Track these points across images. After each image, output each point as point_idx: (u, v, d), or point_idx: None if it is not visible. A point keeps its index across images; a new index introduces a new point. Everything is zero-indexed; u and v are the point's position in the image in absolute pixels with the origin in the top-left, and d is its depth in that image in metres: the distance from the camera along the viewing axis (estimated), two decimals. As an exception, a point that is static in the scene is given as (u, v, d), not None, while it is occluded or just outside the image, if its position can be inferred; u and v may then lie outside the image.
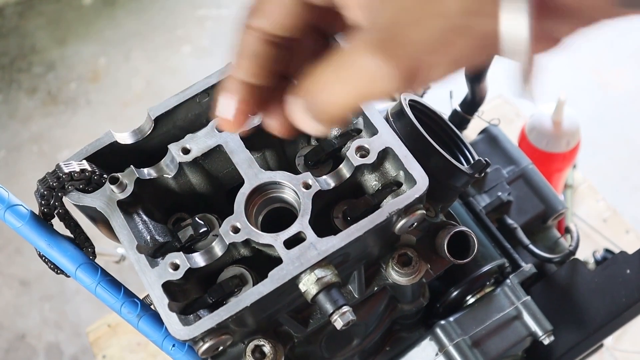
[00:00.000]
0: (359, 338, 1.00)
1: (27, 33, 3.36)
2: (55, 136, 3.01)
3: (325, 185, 0.75)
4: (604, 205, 2.14)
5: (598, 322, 1.16)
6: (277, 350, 0.81)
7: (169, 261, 0.71)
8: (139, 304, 0.81)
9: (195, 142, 0.77)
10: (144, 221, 0.77)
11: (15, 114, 3.10)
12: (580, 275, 1.21)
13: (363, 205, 0.76)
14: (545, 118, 1.81)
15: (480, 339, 1.08)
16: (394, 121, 0.86)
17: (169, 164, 0.78)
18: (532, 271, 1.15)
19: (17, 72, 3.24)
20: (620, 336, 1.83)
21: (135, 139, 0.80)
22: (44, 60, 3.26)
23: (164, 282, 0.70)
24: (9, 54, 3.30)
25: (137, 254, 0.71)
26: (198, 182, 0.81)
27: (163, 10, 3.38)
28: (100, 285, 0.79)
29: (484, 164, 0.89)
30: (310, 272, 0.70)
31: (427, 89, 1.29)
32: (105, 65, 3.22)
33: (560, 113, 1.79)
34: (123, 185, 0.75)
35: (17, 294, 2.61)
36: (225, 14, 3.35)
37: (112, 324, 1.94)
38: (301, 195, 0.74)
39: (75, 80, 3.18)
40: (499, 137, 1.38)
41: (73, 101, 3.12)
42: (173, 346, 0.81)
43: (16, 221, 0.77)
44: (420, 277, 0.85)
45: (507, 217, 1.27)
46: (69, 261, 0.79)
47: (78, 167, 0.74)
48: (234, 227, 0.72)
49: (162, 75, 3.16)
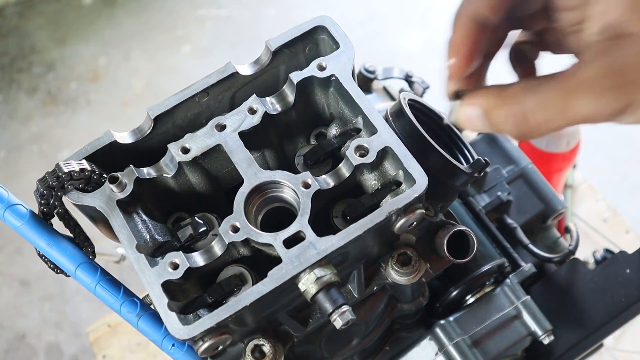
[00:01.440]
0: (358, 337, 1.00)
1: (27, 33, 3.36)
2: (55, 136, 3.01)
3: (325, 184, 0.75)
4: (604, 205, 2.14)
5: (598, 321, 1.16)
6: (277, 350, 0.81)
7: (169, 260, 0.71)
8: (138, 303, 0.81)
9: (194, 141, 0.77)
10: (144, 220, 0.77)
11: (15, 114, 3.11)
12: (580, 275, 1.21)
13: (362, 204, 0.76)
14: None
15: (480, 338, 1.08)
16: (394, 120, 0.86)
17: (168, 164, 0.78)
18: (531, 271, 1.15)
19: (17, 72, 3.24)
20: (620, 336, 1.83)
21: (134, 138, 0.80)
22: (44, 60, 3.26)
23: (163, 282, 0.70)
24: (9, 54, 3.30)
25: (137, 253, 0.71)
26: (197, 182, 0.81)
27: (163, 10, 3.38)
28: (99, 284, 0.79)
29: (484, 164, 0.89)
30: (310, 272, 0.70)
31: (427, 88, 1.29)
32: (105, 65, 3.22)
33: None
34: (122, 184, 0.75)
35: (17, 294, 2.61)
36: (225, 14, 3.35)
37: (112, 324, 1.94)
38: (300, 194, 0.74)
39: (75, 80, 3.18)
40: (499, 136, 1.38)
41: (73, 101, 3.12)
42: (173, 345, 0.81)
43: (16, 221, 0.77)
44: (419, 276, 0.85)
45: (506, 217, 1.27)
46: (68, 260, 0.79)
47: (77, 166, 0.74)
48: (234, 227, 0.72)
49: (161, 75, 3.16)
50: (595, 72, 0.40)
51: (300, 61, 0.85)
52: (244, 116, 0.78)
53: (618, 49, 0.40)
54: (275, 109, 0.80)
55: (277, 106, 0.80)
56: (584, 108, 0.41)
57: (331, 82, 0.80)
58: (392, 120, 0.86)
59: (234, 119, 0.78)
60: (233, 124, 0.78)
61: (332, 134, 0.82)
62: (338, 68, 0.78)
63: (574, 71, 0.42)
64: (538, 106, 0.43)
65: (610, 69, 0.39)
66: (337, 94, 0.81)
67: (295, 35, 0.82)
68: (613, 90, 0.39)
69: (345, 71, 0.79)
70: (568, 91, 0.41)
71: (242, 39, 3.25)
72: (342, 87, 0.78)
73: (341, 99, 0.81)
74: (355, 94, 0.77)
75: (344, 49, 0.80)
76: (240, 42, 3.24)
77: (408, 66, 1.43)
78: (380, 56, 3.05)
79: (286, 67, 0.84)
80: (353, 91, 0.78)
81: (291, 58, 0.84)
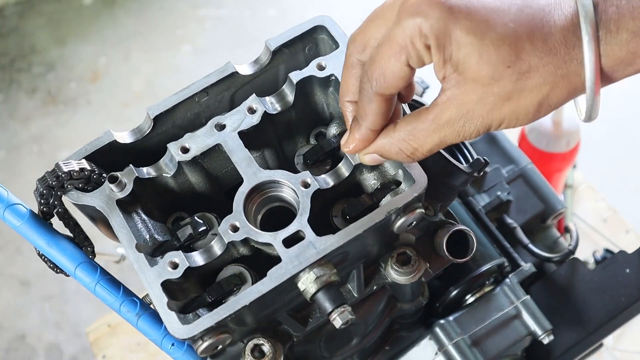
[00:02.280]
0: (358, 337, 1.00)
1: (27, 33, 3.36)
2: (55, 136, 3.01)
3: (324, 184, 0.75)
4: (604, 205, 2.14)
5: (597, 321, 1.16)
6: (277, 349, 0.81)
7: (168, 260, 0.71)
8: (138, 302, 0.81)
9: (194, 141, 0.77)
10: (143, 220, 0.77)
11: (15, 113, 3.11)
12: (579, 275, 1.21)
13: (362, 204, 0.76)
14: (545, 118, 1.81)
15: (480, 338, 1.08)
16: (393, 120, 0.86)
17: (168, 163, 0.78)
18: (531, 270, 1.15)
19: (17, 72, 3.24)
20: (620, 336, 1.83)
21: (134, 138, 0.80)
22: (43, 60, 3.26)
23: (163, 281, 0.70)
24: (9, 54, 3.30)
25: (136, 252, 0.71)
26: (197, 181, 0.81)
27: (163, 10, 3.38)
28: (99, 284, 0.79)
29: (483, 163, 0.89)
30: (309, 271, 0.70)
31: (427, 88, 1.29)
32: (105, 65, 3.22)
33: (560, 113, 1.79)
34: (122, 184, 0.75)
35: (17, 294, 2.61)
36: (225, 14, 3.35)
37: (112, 324, 1.94)
38: (300, 194, 0.74)
39: (75, 80, 3.18)
40: (498, 136, 1.39)
41: (73, 101, 3.12)
42: (172, 345, 0.81)
43: (15, 220, 0.77)
44: (419, 276, 0.85)
45: (506, 217, 1.27)
46: (68, 260, 0.79)
47: (77, 166, 0.74)
48: (233, 226, 0.72)
49: (161, 75, 3.16)
50: (452, 114, 0.58)
51: (300, 61, 0.85)
52: (244, 116, 0.78)
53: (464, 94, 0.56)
54: (274, 108, 0.80)
55: (277, 106, 0.80)
56: (449, 136, 0.59)
57: (331, 82, 0.80)
58: (391, 120, 0.86)
59: (233, 119, 0.78)
60: (233, 124, 0.78)
61: (331, 133, 0.82)
62: (338, 68, 0.79)
63: (439, 112, 0.58)
64: (419, 140, 0.62)
65: (459, 113, 0.57)
66: (336, 93, 0.81)
67: (294, 35, 0.82)
68: (464, 124, 0.58)
69: (345, 71, 0.79)
70: (438, 126, 0.59)
71: (242, 38, 3.25)
72: (341, 87, 0.78)
73: (341, 99, 0.81)
74: (355, 93, 0.77)
75: (343, 49, 0.80)
76: (240, 41, 3.24)
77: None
78: (380, 56, 3.04)
79: (286, 66, 0.84)
80: (353, 91, 0.78)
81: (291, 58, 0.84)
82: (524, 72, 0.54)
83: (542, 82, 0.55)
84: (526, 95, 0.55)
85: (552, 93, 0.55)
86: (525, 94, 0.55)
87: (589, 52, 0.53)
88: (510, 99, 0.55)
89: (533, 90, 0.55)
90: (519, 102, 0.55)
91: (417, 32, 0.55)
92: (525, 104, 0.56)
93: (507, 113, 0.56)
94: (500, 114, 0.56)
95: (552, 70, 0.54)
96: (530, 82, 0.54)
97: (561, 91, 0.56)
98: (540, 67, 0.54)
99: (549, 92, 0.55)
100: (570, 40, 0.54)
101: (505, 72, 0.54)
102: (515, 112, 0.56)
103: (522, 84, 0.55)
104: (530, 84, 0.55)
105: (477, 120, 0.57)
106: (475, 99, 0.56)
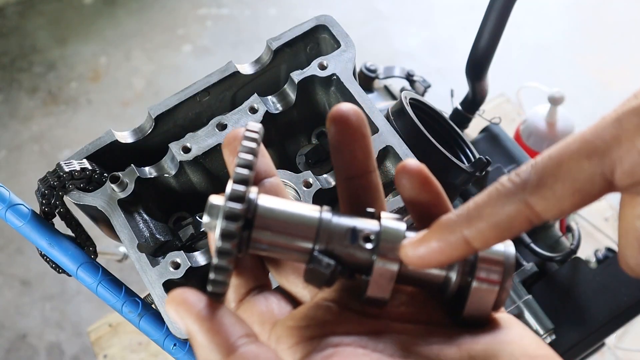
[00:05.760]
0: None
1: (28, 33, 3.36)
2: (56, 136, 3.01)
3: (326, 183, 0.75)
4: (605, 204, 2.14)
5: (599, 320, 1.16)
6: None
7: (170, 260, 0.71)
8: (140, 303, 0.81)
9: (195, 141, 0.77)
10: (145, 220, 0.77)
11: (15, 113, 3.11)
12: (581, 274, 1.20)
13: (364, 203, 0.75)
14: (539, 120, 1.79)
15: (482, 337, 1.07)
16: (395, 119, 0.86)
17: (169, 163, 0.78)
18: (533, 270, 1.15)
19: (18, 72, 3.24)
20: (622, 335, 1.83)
21: (135, 138, 0.80)
22: (44, 60, 3.26)
23: (165, 281, 0.70)
24: (10, 53, 3.30)
25: (138, 252, 0.71)
26: (199, 181, 0.81)
27: (163, 10, 3.38)
28: (101, 284, 0.79)
29: (485, 163, 0.89)
30: (311, 271, 0.70)
31: (428, 87, 1.29)
32: (105, 64, 3.22)
33: (554, 114, 1.76)
34: (124, 184, 0.75)
35: (18, 294, 2.61)
36: (226, 13, 3.35)
37: (113, 324, 1.94)
38: (302, 194, 0.73)
39: (75, 79, 3.18)
40: (500, 135, 1.38)
41: (74, 101, 3.12)
42: (174, 345, 0.81)
43: (17, 220, 0.77)
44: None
45: (508, 216, 1.26)
46: (70, 260, 0.79)
47: (79, 166, 0.74)
48: (235, 226, 0.72)
49: (162, 75, 3.16)
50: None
51: (302, 60, 0.85)
52: (245, 115, 0.78)
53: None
54: (276, 108, 0.80)
55: (279, 105, 0.80)
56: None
57: (332, 81, 0.80)
58: (393, 119, 0.86)
59: (235, 119, 0.78)
60: (234, 124, 0.78)
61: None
62: (339, 67, 0.78)
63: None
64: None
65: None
66: (338, 93, 0.81)
67: (296, 34, 0.81)
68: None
69: (347, 70, 0.78)
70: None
71: (243, 38, 3.25)
72: (343, 86, 0.78)
73: (342, 98, 0.81)
74: (357, 93, 0.77)
75: (345, 48, 0.79)
76: (241, 41, 3.24)
77: (409, 65, 1.43)
78: (381, 55, 3.04)
79: (287, 66, 0.84)
80: (354, 90, 0.77)
81: (292, 57, 0.84)
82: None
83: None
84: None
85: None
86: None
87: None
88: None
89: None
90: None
91: None
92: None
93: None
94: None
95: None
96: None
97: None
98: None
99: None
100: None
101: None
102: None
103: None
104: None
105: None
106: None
